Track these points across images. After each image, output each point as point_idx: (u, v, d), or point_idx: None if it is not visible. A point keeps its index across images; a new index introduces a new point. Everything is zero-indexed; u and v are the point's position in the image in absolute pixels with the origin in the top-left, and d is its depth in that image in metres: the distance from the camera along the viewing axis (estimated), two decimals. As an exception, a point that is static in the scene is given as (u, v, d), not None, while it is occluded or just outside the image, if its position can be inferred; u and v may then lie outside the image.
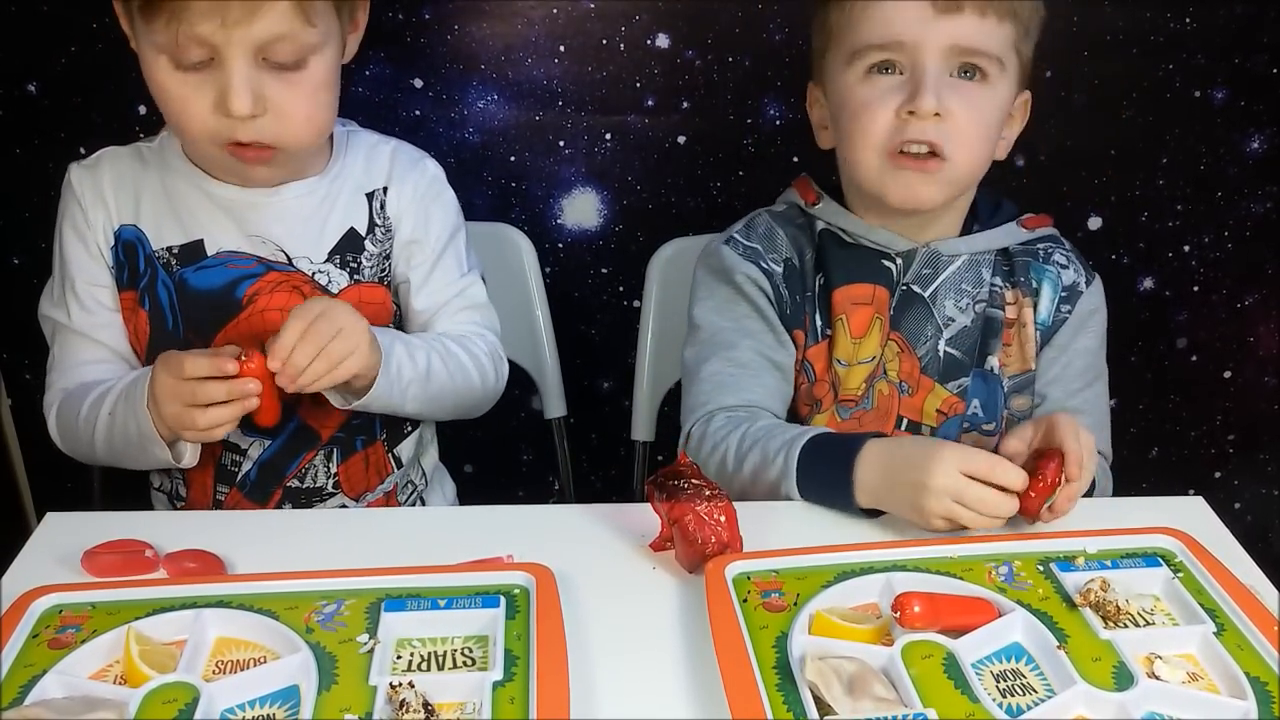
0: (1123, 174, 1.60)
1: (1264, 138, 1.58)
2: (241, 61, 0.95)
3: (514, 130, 1.55)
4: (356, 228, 1.13)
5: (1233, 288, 1.68)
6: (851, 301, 1.12)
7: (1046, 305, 1.15)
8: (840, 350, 1.12)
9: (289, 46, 0.96)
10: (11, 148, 1.53)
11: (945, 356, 1.12)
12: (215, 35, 0.93)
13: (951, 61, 1.03)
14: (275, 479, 1.16)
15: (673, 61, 1.51)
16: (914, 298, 1.12)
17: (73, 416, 1.08)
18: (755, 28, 1.49)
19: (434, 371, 1.10)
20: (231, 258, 1.10)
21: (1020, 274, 1.14)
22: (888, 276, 1.12)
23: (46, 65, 1.48)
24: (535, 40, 1.50)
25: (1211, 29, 1.51)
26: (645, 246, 1.42)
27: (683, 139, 1.56)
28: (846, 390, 1.13)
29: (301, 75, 0.98)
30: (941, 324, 1.12)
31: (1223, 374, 1.74)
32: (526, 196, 1.59)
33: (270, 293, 1.10)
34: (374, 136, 1.17)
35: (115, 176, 1.10)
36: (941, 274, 1.12)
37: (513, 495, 1.75)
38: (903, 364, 1.12)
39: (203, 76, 0.96)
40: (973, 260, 1.13)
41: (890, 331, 1.12)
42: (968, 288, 1.12)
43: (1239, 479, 1.81)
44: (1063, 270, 1.16)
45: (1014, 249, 1.15)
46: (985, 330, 1.13)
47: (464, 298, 1.19)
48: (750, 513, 0.91)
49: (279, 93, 0.98)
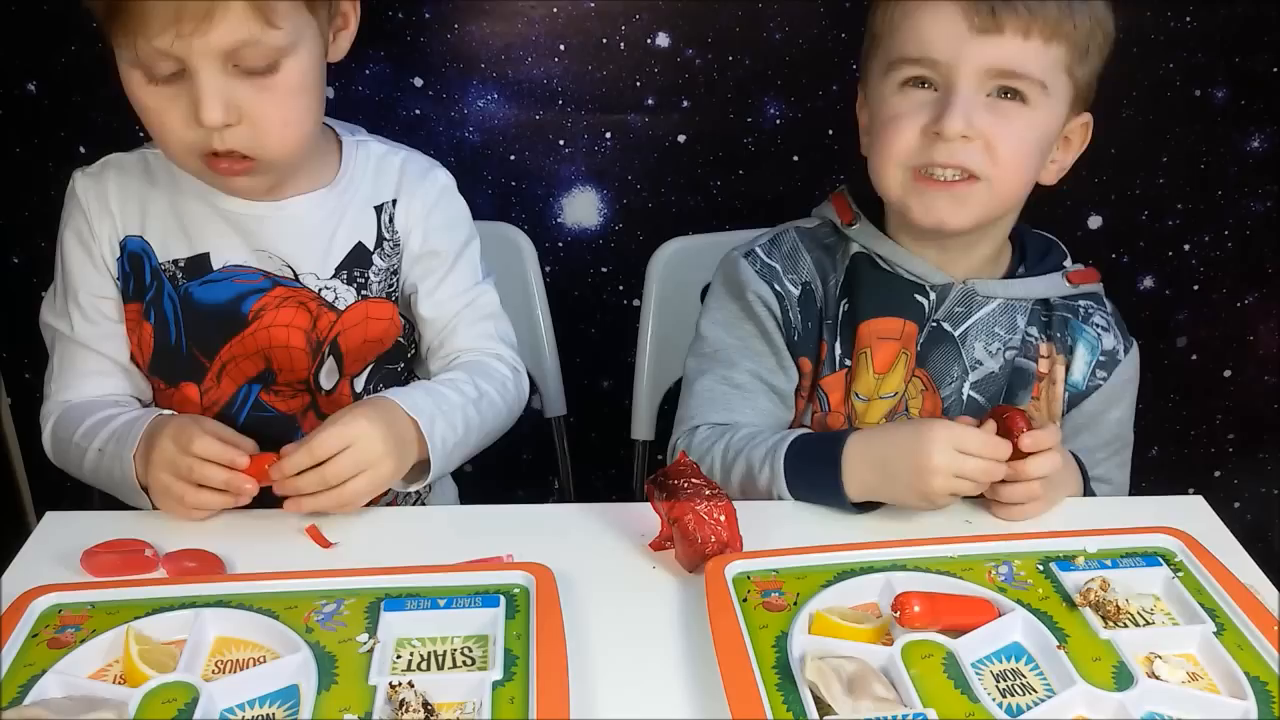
0: (1123, 173, 1.60)
1: (1264, 137, 1.58)
2: (209, 71, 0.92)
3: (514, 130, 1.55)
4: (364, 242, 1.11)
5: (1233, 287, 1.68)
6: (878, 336, 1.09)
7: (1081, 368, 1.11)
8: (861, 385, 1.09)
9: (255, 51, 0.93)
10: (11, 148, 1.53)
11: (969, 401, 1.09)
12: (175, 46, 0.90)
13: (988, 83, 0.99)
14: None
15: (673, 61, 1.51)
16: (943, 335, 1.08)
17: (66, 436, 1.07)
18: (755, 27, 1.49)
19: (471, 426, 1.08)
20: (238, 272, 1.08)
21: (1058, 329, 1.10)
22: (919, 311, 1.08)
23: (46, 65, 1.48)
24: (535, 39, 1.50)
25: (1211, 28, 1.51)
26: (645, 246, 1.42)
27: (683, 138, 1.56)
28: (864, 425, 1.09)
29: (274, 80, 0.95)
30: (969, 366, 1.08)
31: (1223, 373, 1.74)
32: (526, 196, 1.59)
33: (277, 308, 1.08)
34: (384, 146, 1.14)
35: (121, 186, 1.08)
36: (975, 314, 1.08)
37: (513, 495, 1.75)
38: (925, 402, 1.09)
39: (175, 89, 0.94)
40: (1008, 305, 1.09)
41: (915, 368, 1.09)
42: (1000, 332, 1.09)
43: (1239, 478, 1.81)
44: (1103, 333, 1.12)
45: (1055, 302, 1.11)
46: (1014, 380, 1.09)
47: (478, 308, 1.17)
48: (750, 512, 0.91)
49: (251, 99, 0.94)
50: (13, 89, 1.49)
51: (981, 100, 0.99)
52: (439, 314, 1.16)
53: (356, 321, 1.12)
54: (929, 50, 0.99)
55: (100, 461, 1.03)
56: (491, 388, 1.13)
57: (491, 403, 1.12)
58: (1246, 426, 1.78)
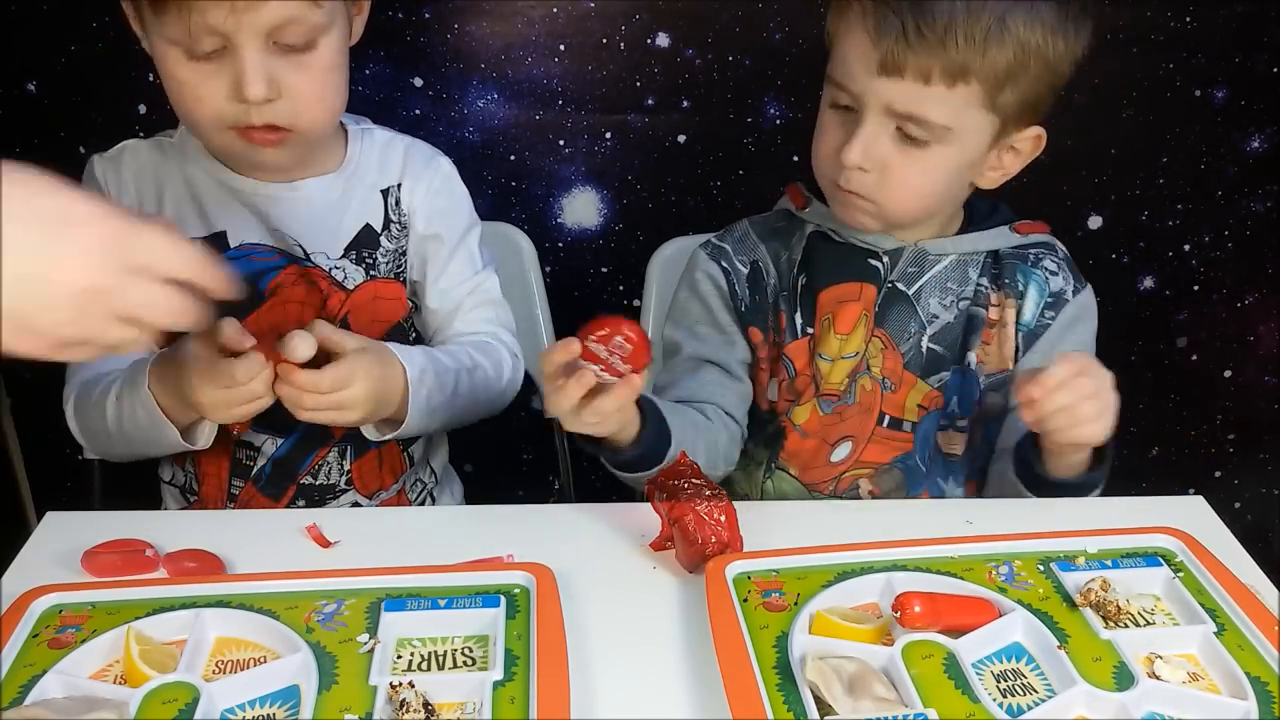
0: (1123, 174, 1.60)
1: (1264, 137, 1.58)
2: (253, 47, 0.95)
3: (514, 129, 1.55)
4: (372, 224, 1.14)
5: (1233, 287, 1.68)
6: (838, 300, 1.12)
7: (1031, 308, 1.13)
8: (825, 346, 1.12)
9: (298, 29, 0.96)
10: (11, 148, 1.52)
11: (928, 352, 1.12)
12: (226, 23, 0.93)
13: (892, 121, 1.00)
14: (289, 476, 1.16)
15: (673, 61, 1.51)
16: (899, 295, 1.11)
17: (87, 406, 1.09)
18: (755, 27, 1.49)
19: (459, 393, 1.12)
20: (254, 249, 1.10)
21: (1007, 275, 1.13)
22: (875, 274, 1.12)
23: (46, 65, 1.47)
24: (535, 39, 1.50)
25: (1212, 28, 1.50)
26: (645, 246, 1.42)
27: (683, 138, 1.56)
28: (829, 384, 1.13)
29: (312, 57, 0.99)
30: (925, 321, 1.11)
31: (1223, 373, 1.74)
32: (526, 196, 1.59)
33: (291, 286, 1.11)
34: (387, 134, 1.18)
35: (137, 169, 1.11)
36: (927, 273, 1.11)
37: (513, 495, 1.75)
38: (886, 360, 1.12)
39: (216, 65, 0.96)
40: (960, 260, 1.12)
41: (874, 328, 1.11)
42: (953, 286, 1.12)
43: (1239, 479, 1.81)
44: (1051, 276, 1.14)
45: (1004, 252, 1.14)
46: (966, 327, 1.12)
47: (478, 294, 1.20)
48: (750, 513, 0.91)
49: (291, 75, 0.98)
50: (13, 89, 1.49)
51: (889, 132, 1.00)
52: (443, 303, 1.19)
53: (365, 301, 1.14)
54: (846, 79, 1.01)
55: (120, 412, 1.05)
56: (488, 362, 1.17)
57: (485, 377, 1.16)
58: (1246, 426, 1.78)
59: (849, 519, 0.98)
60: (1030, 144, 1.06)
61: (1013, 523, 0.94)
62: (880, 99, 0.99)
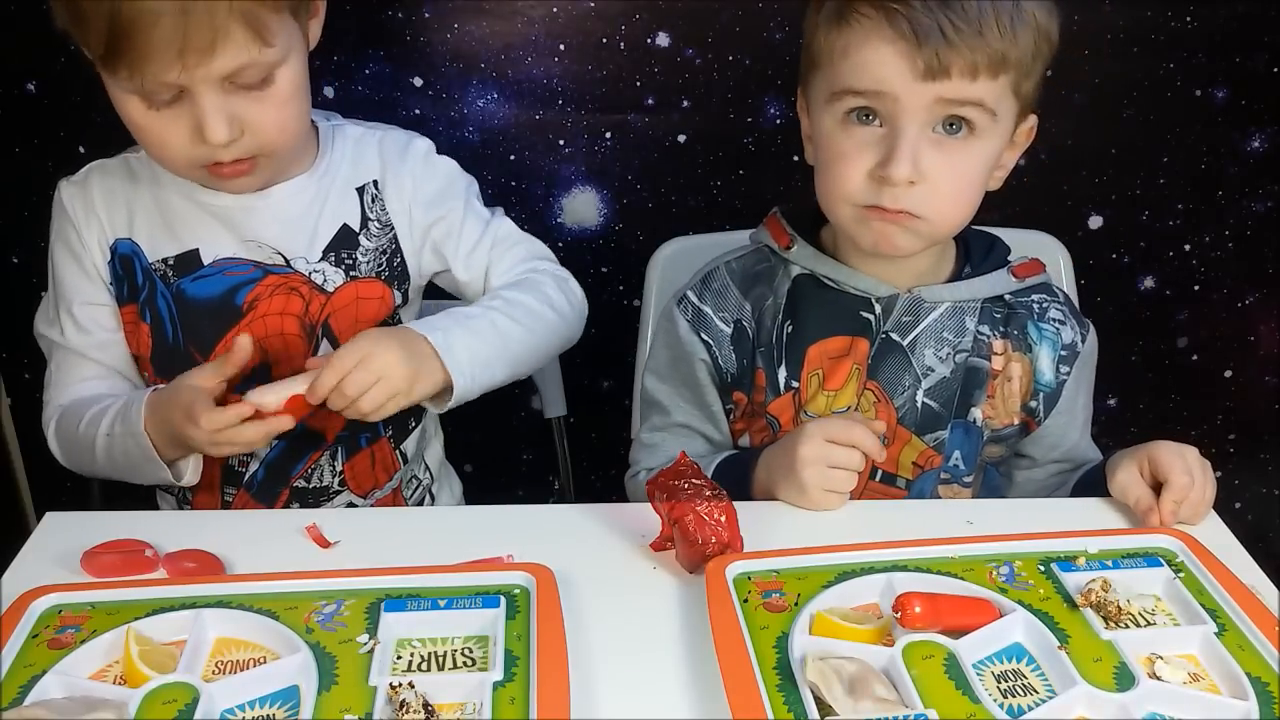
0: (1123, 174, 1.60)
1: (1264, 137, 1.58)
2: (211, 94, 0.95)
3: (514, 129, 1.55)
4: (349, 224, 1.13)
5: (1233, 287, 1.68)
6: (828, 356, 1.08)
7: (1048, 365, 1.10)
8: (813, 404, 1.08)
9: (253, 70, 0.96)
10: (11, 148, 1.52)
11: (923, 408, 1.08)
12: (180, 77, 0.93)
13: (936, 115, 0.96)
14: (282, 479, 1.16)
15: (673, 61, 1.51)
16: (892, 346, 1.07)
17: (71, 433, 1.08)
18: (755, 27, 1.49)
19: (507, 334, 1.09)
20: (228, 264, 1.09)
21: (1014, 327, 1.09)
22: (867, 327, 1.07)
23: (46, 65, 1.47)
24: (535, 39, 1.50)
25: (1211, 28, 1.50)
26: (645, 246, 1.42)
27: (683, 138, 1.56)
28: None
29: (270, 91, 0.98)
30: (920, 374, 1.07)
31: (1223, 373, 1.74)
32: (526, 196, 1.59)
33: (270, 297, 1.10)
34: (359, 129, 1.16)
35: (105, 191, 1.10)
36: (922, 321, 1.07)
37: (513, 495, 1.75)
38: (879, 414, 1.08)
39: (176, 110, 0.96)
40: (956, 308, 1.08)
41: (867, 380, 1.08)
42: (949, 336, 1.07)
43: (1239, 479, 1.81)
44: (1061, 327, 1.11)
45: (1008, 298, 1.10)
46: (967, 380, 1.08)
47: (500, 244, 1.19)
48: (750, 513, 0.91)
49: (252, 111, 0.97)
50: (13, 89, 1.49)
51: (928, 138, 0.97)
52: (472, 270, 1.18)
53: (347, 302, 1.13)
54: (874, 85, 0.96)
55: (111, 445, 1.04)
56: (529, 296, 1.14)
57: (530, 309, 1.13)
58: (1247, 426, 1.78)
59: (849, 519, 0.98)
60: (1025, 135, 1.06)
61: (1013, 523, 0.94)
62: (924, 98, 0.95)
